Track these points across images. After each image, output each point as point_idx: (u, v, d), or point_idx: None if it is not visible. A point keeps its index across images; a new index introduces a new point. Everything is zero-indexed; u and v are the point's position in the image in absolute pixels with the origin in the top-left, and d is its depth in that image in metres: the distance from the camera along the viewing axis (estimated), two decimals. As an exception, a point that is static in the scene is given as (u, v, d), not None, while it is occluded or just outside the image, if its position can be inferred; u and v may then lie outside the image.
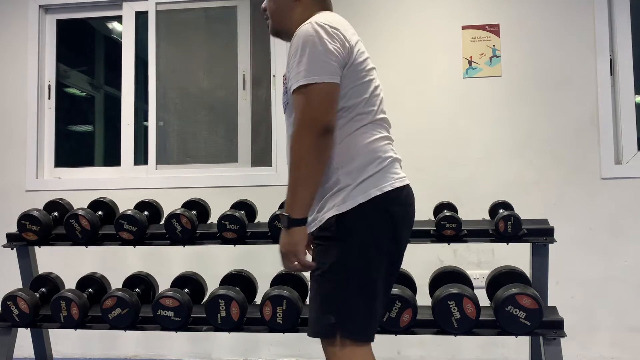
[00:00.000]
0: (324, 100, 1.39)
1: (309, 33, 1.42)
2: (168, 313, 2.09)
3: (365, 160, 1.45)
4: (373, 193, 1.43)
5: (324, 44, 1.41)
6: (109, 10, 3.47)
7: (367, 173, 1.44)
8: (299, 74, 1.39)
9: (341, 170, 1.44)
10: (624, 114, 2.97)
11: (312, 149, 1.37)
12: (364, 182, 1.43)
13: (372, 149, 1.47)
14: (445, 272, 2.27)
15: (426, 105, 3.07)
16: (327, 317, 1.40)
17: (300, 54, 1.41)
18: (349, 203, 1.42)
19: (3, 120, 3.40)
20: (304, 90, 1.38)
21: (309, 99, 1.38)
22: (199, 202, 2.48)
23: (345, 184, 1.43)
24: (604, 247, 2.92)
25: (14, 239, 2.39)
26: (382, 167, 1.47)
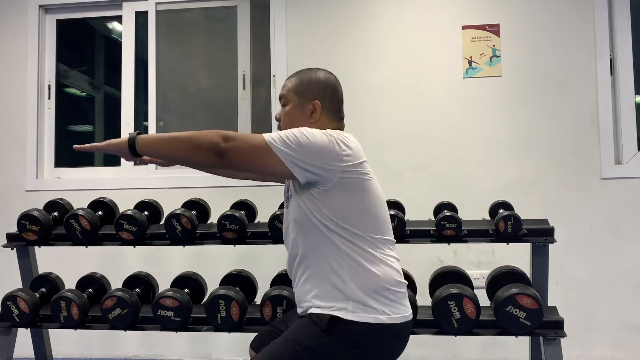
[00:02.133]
0: (252, 156, 1.41)
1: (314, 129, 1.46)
2: (168, 313, 2.09)
3: (381, 283, 1.45)
4: (379, 319, 1.43)
5: (316, 135, 1.43)
6: (109, 10, 3.47)
7: (380, 297, 1.44)
8: (278, 134, 1.42)
9: (352, 278, 1.44)
10: (624, 114, 2.97)
11: (199, 151, 1.41)
12: (376, 304, 1.43)
13: (390, 272, 1.48)
14: (445, 272, 2.26)
15: (426, 105, 3.07)
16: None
17: (294, 130, 1.44)
18: (357, 315, 1.41)
19: (3, 120, 3.40)
20: (263, 143, 1.41)
21: (248, 145, 1.41)
22: (199, 202, 2.48)
23: (355, 295, 1.42)
24: (604, 247, 2.92)
25: (14, 239, 2.39)
26: (397, 294, 1.48)
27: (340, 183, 1.44)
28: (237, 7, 3.40)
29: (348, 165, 1.44)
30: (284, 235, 1.64)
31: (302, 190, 1.48)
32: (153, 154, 1.56)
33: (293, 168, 1.41)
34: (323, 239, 1.45)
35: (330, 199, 1.44)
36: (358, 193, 1.46)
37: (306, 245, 1.49)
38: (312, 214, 1.45)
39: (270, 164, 1.41)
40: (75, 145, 1.62)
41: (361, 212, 1.46)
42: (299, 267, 1.53)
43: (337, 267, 1.44)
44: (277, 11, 3.22)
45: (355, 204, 1.46)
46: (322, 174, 1.42)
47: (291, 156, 1.40)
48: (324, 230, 1.45)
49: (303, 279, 1.51)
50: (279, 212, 2.18)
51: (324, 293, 1.45)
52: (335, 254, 1.45)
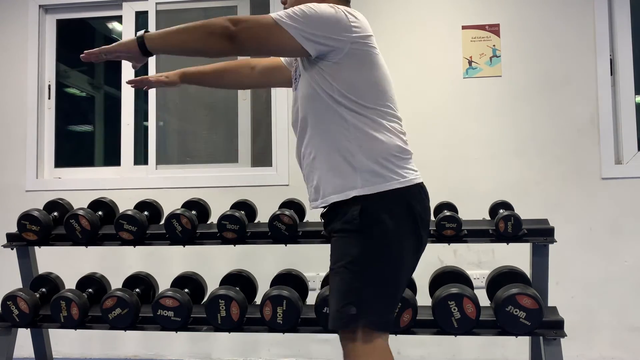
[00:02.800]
0: (263, 35, 1.43)
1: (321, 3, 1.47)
2: (168, 313, 2.09)
3: (388, 150, 1.48)
4: (395, 185, 1.45)
5: (323, 7, 1.44)
6: (109, 10, 3.47)
7: (389, 162, 1.47)
8: (285, 12, 1.44)
9: (360, 148, 1.46)
10: (624, 114, 2.97)
11: (211, 39, 1.42)
12: (385, 169, 1.46)
13: (395, 140, 1.50)
14: (445, 272, 2.26)
15: (426, 105, 3.07)
16: (349, 308, 1.41)
17: (301, 6, 1.45)
18: (369, 188, 1.44)
19: (3, 120, 3.40)
20: (271, 22, 1.42)
21: (258, 25, 1.43)
22: (199, 202, 2.48)
23: (364, 165, 1.45)
24: (604, 247, 2.92)
25: (14, 239, 2.39)
26: (403, 159, 1.50)
27: (349, 54, 1.46)
28: (237, 7, 3.40)
29: (357, 37, 1.46)
30: (292, 121, 1.64)
31: (311, 66, 1.49)
32: (163, 48, 1.53)
33: (303, 42, 1.42)
34: (331, 112, 1.47)
35: (339, 71, 1.46)
36: (367, 66, 1.49)
37: (314, 120, 1.51)
38: (321, 87, 1.47)
39: (281, 41, 1.43)
40: (83, 54, 1.55)
41: (369, 84, 1.49)
42: (308, 145, 1.54)
43: (345, 140, 1.47)
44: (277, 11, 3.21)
45: (363, 76, 1.48)
46: (332, 45, 1.44)
47: (300, 30, 1.42)
48: (332, 103, 1.47)
49: (312, 156, 1.53)
50: (279, 212, 2.18)
51: (333, 168, 1.48)
52: (343, 127, 1.47)
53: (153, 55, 1.55)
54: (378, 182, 1.45)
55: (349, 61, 1.46)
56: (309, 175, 1.57)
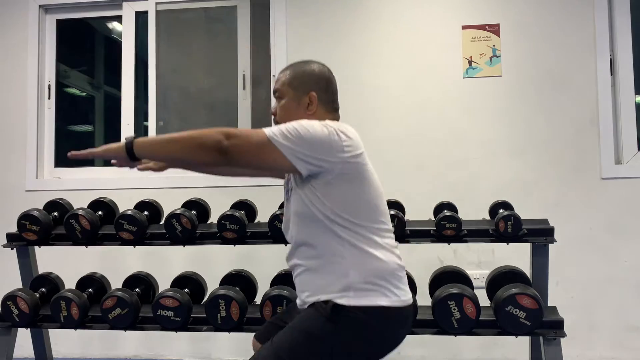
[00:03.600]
0: (254, 152, 1.41)
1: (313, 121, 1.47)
2: (168, 313, 2.09)
3: (383, 269, 1.46)
4: (380, 302, 1.43)
5: (316, 127, 1.43)
6: (109, 10, 3.47)
7: (383, 282, 1.45)
8: (278, 129, 1.42)
9: (354, 266, 1.44)
10: (624, 114, 2.97)
11: (201, 151, 1.40)
12: (378, 287, 1.44)
13: (391, 256, 1.49)
14: (445, 272, 2.26)
15: (426, 105, 3.07)
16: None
17: (293, 123, 1.43)
18: (359, 300, 1.42)
19: (3, 120, 3.40)
20: (264, 138, 1.40)
21: (250, 141, 1.41)
22: (199, 202, 2.48)
23: (356, 283, 1.43)
24: (604, 247, 2.92)
25: (14, 239, 2.39)
26: (398, 278, 1.49)
27: (341, 174, 1.45)
28: (237, 7, 3.40)
29: (349, 156, 1.45)
30: (283, 228, 1.64)
31: (303, 183, 1.48)
32: (152, 156, 1.54)
33: (295, 161, 1.41)
34: (324, 229, 1.46)
35: (331, 190, 1.45)
36: (358, 183, 1.48)
37: (307, 236, 1.50)
38: (314, 205, 1.46)
39: (272, 159, 1.41)
40: (70, 153, 1.58)
41: (362, 202, 1.48)
42: (300, 258, 1.53)
43: (339, 257, 1.46)
44: (277, 11, 3.22)
45: (355, 194, 1.47)
46: (324, 166, 1.43)
47: (293, 150, 1.40)
48: (326, 221, 1.46)
49: (303, 269, 1.52)
50: (279, 212, 2.18)
51: (325, 282, 1.46)
52: (337, 243, 1.46)
53: (140, 161, 1.56)
54: (370, 295, 1.43)
55: (341, 180, 1.45)
56: (300, 285, 1.55)
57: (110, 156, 1.55)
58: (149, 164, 1.81)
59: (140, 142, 1.48)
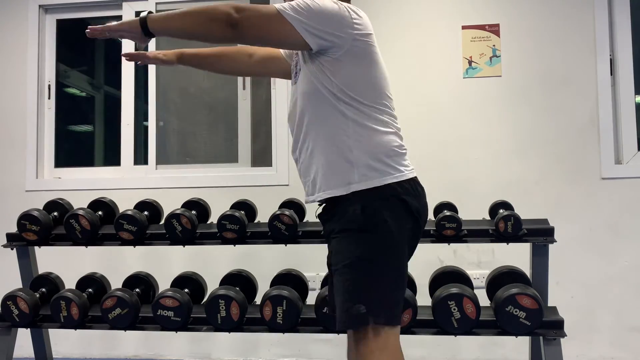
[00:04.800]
0: (265, 25, 1.43)
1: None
2: (168, 313, 2.09)
3: (384, 145, 1.49)
4: (390, 179, 1.46)
5: (327, 2, 1.44)
6: (109, 10, 3.47)
7: (386, 157, 1.48)
8: (289, 3, 1.43)
9: (358, 144, 1.47)
10: (624, 114, 2.97)
11: (212, 24, 1.42)
12: (382, 164, 1.47)
13: (392, 135, 1.53)
14: (445, 272, 2.27)
15: (426, 105, 3.07)
16: (358, 307, 1.41)
17: None
18: (365, 183, 1.45)
19: (3, 120, 3.40)
20: (274, 12, 1.41)
21: (261, 14, 1.42)
22: (199, 202, 2.48)
23: (361, 160, 1.46)
24: (604, 247, 2.92)
25: (14, 239, 2.39)
26: (400, 154, 1.52)
27: (350, 51, 1.46)
28: (237, 7, 3.40)
29: (359, 34, 1.47)
30: (289, 116, 1.64)
31: (312, 60, 1.50)
32: (165, 30, 1.53)
33: (305, 35, 1.42)
34: (330, 108, 1.48)
35: (339, 67, 1.47)
36: (366, 63, 1.50)
37: (312, 116, 1.51)
38: (321, 83, 1.48)
39: (283, 32, 1.43)
40: (87, 29, 1.56)
41: (368, 82, 1.50)
42: (305, 139, 1.54)
43: (343, 135, 1.48)
44: (277, 11, 3.21)
45: (363, 73, 1.49)
46: (334, 40, 1.44)
47: (303, 23, 1.41)
48: (332, 98, 1.47)
49: (309, 151, 1.53)
50: (278, 212, 2.18)
51: (330, 163, 1.48)
52: (342, 122, 1.48)
53: (155, 37, 1.55)
54: (374, 176, 1.46)
55: (349, 58, 1.47)
56: (306, 170, 1.57)
57: (124, 29, 1.53)
58: (158, 54, 1.86)
59: (154, 16, 1.50)
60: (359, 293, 1.43)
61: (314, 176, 1.53)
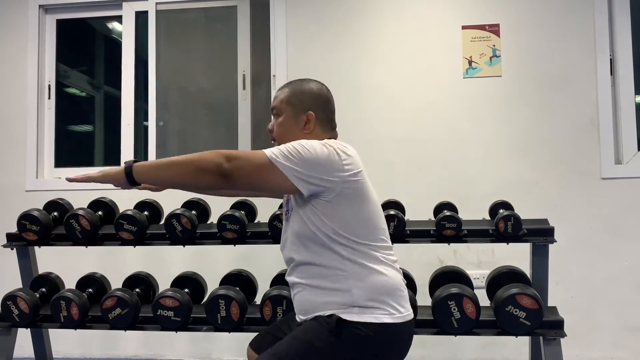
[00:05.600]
0: (256, 174, 1.41)
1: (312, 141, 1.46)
2: (168, 313, 2.09)
3: (386, 283, 1.46)
4: (384, 320, 1.43)
5: (316, 147, 1.43)
6: (109, 10, 3.47)
7: (382, 296, 1.45)
8: (279, 150, 1.41)
9: (356, 283, 1.44)
10: (624, 114, 2.97)
11: (202, 174, 1.40)
12: (381, 303, 1.44)
13: (392, 271, 1.49)
14: (445, 272, 2.26)
15: (426, 105, 3.07)
16: None
17: (294, 144, 1.43)
18: (361, 316, 1.42)
19: (3, 120, 3.40)
20: (265, 160, 1.40)
21: (251, 163, 1.40)
22: (199, 202, 2.48)
23: (359, 300, 1.43)
24: (604, 247, 2.92)
25: (14, 239, 2.39)
26: (401, 295, 1.49)
27: (342, 193, 1.44)
28: (237, 7, 3.40)
29: (349, 175, 1.44)
30: (281, 247, 1.63)
31: (304, 203, 1.48)
32: (152, 181, 1.53)
33: (297, 182, 1.41)
34: (326, 249, 1.46)
35: (332, 209, 1.44)
36: (359, 202, 1.47)
37: (308, 256, 1.49)
38: (315, 225, 1.46)
39: (274, 180, 1.41)
40: (67, 177, 1.58)
41: (362, 220, 1.47)
42: (300, 277, 1.52)
43: (341, 275, 1.45)
44: (277, 11, 3.22)
45: (356, 213, 1.47)
46: (326, 185, 1.42)
47: (295, 170, 1.40)
48: (326, 240, 1.45)
49: (304, 288, 1.51)
50: (278, 212, 2.18)
51: (328, 299, 1.45)
52: (339, 262, 1.45)
53: (140, 185, 1.54)
54: (372, 312, 1.43)
55: (341, 199, 1.44)
56: (301, 306, 1.54)
57: (109, 181, 1.53)
58: (147, 185, 1.82)
59: (139, 167, 1.47)
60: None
61: (310, 311, 1.49)
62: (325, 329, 1.41)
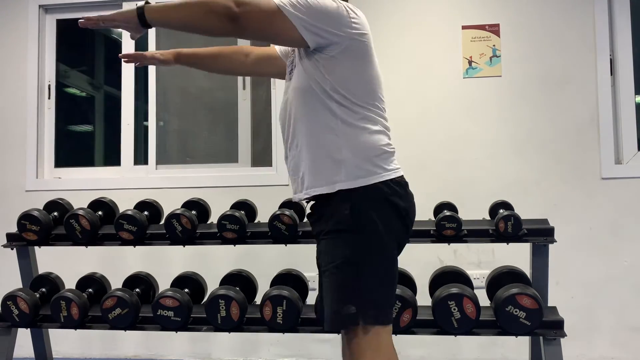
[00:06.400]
0: (264, 20, 1.42)
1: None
2: (168, 313, 2.09)
3: (373, 144, 1.49)
4: (377, 179, 1.46)
5: (327, 2, 1.44)
6: (109, 10, 3.41)
7: (374, 156, 1.48)
8: (289, 0, 1.42)
9: (346, 142, 1.47)
10: (624, 114, 2.97)
11: (211, 16, 1.40)
12: (369, 164, 1.47)
13: (381, 135, 1.52)
14: (445, 272, 2.26)
15: (426, 105, 3.07)
16: (347, 307, 1.42)
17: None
18: (353, 182, 1.45)
19: (3, 120, 3.40)
20: (274, 7, 1.41)
21: (260, 9, 1.41)
22: (199, 202, 2.48)
23: (348, 159, 1.46)
24: (604, 247, 2.92)
25: (14, 239, 2.39)
26: (388, 152, 1.52)
27: (347, 50, 1.46)
28: (237, 7, 3.40)
29: (356, 33, 1.47)
30: (280, 113, 1.64)
31: (308, 57, 1.49)
32: (163, 21, 1.49)
33: (303, 32, 1.42)
34: (321, 105, 1.48)
35: (334, 65, 1.47)
36: (361, 63, 1.50)
37: (304, 112, 1.52)
38: (314, 79, 1.48)
39: (281, 28, 1.43)
40: (80, 20, 1.55)
41: (362, 82, 1.51)
42: (295, 136, 1.54)
43: (332, 133, 1.48)
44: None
45: (357, 73, 1.50)
46: (332, 38, 1.44)
47: (302, 20, 1.41)
48: (324, 96, 1.48)
49: (299, 148, 1.54)
50: (279, 212, 2.18)
51: (318, 160, 1.49)
52: (331, 120, 1.48)
53: (152, 28, 1.52)
54: (361, 175, 1.46)
55: (345, 56, 1.47)
56: (295, 167, 1.57)
57: (121, 20, 1.50)
58: (155, 54, 1.87)
59: (151, 6, 1.47)
60: (348, 293, 1.43)
61: (302, 174, 1.54)
62: (343, 215, 1.44)
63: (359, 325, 1.42)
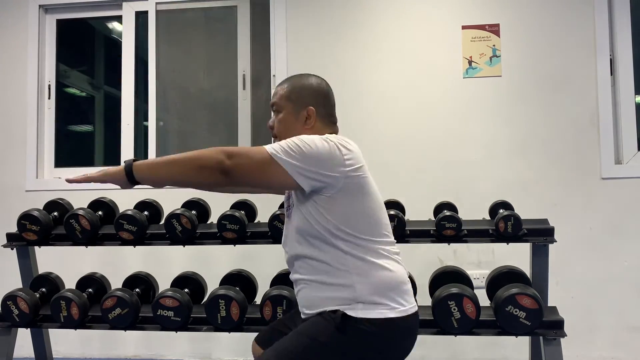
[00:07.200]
0: (257, 170, 1.40)
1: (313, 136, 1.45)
2: (168, 313, 2.09)
3: (388, 277, 1.46)
4: (390, 314, 1.42)
5: (317, 142, 1.42)
6: (109, 10, 3.47)
7: (388, 290, 1.44)
8: (279, 145, 1.41)
9: (359, 277, 1.44)
10: (624, 114, 2.97)
11: (203, 172, 1.39)
12: (384, 298, 1.43)
13: (395, 265, 1.49)
14: (445, 272, 2.26)
15: (426, 105, 3.07)
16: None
17: (294, 139, 1.42)
18: (365, 312, 1.41)
19: (3, 120, 3.40)
20: (266, 156, 1.39)
21: (252, 160, 1.40)
22: (199, 202, 2.48)
23: (362, 295, 1.42)
24: (604, 247, 2.92)
25: (14, 239, 2.39)
26: (405, 290, 1.49)
27: (344, 188, 1.43)
28: (237, 7, 3.40)
29: (351, 170, 1.44)
30: (283, 243, 1.63)
31: (306, 199, 1.47)
32: (152, 179, 1.50)
33: (298, 178, 1.40)
34: (327, 244, 1.45)
35: (334, 204, 1.44)
36: (360, 197, 1.47)
37: (310, 252, 1.49)
38: (316, 221, 1.45)
39: (275, 176, 1.41)
40: (67, 178, 1.57)
41: (364, 215, 1.47)
42: (303, 273, 1.52)
43: (344, 270, 1.44)
44: (277, 11, 3.22)
45: (358, 208, 1.46)
46: (327, 181, 1.42)
47: (296, 166, 1.39)
48: (328, 235, 1.45)
49: (307, 284, 1.51)
50: (279, 212, 2.18)
51: (332, 295, 1.45)
52: (341, 257, 1.45)
53: (140, 184, 1.52)
54: (376, 308, 1.42)
55: (343, 195, 1.44)
56: (305, 302, 1.53)
57: (109, 180, 1.52)
58: None
59: (139, 165, 1.47)
60: None
61: (314, 307, 1.49)
62: (331, 325, 1.40)
63: None
